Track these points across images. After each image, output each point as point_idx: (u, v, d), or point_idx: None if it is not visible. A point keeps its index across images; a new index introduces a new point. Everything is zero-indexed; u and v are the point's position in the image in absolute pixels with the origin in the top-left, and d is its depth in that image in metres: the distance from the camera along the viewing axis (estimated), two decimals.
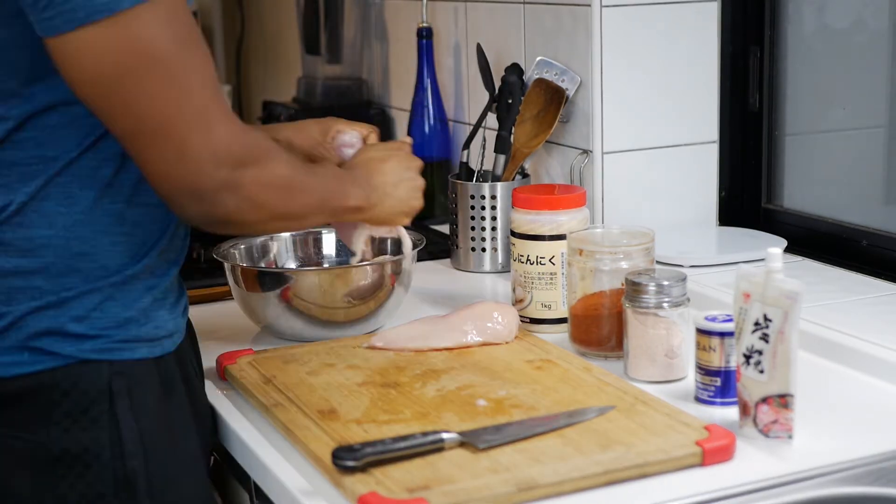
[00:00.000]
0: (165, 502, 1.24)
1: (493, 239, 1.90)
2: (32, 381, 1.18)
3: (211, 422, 1.40)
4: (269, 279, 1.56)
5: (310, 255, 1.75)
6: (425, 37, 2.23)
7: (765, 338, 1.18)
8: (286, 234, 1.74)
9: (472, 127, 1.99)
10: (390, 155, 1.47)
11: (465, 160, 1.96)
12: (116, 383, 1.21)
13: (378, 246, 1.72)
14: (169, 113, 1.13)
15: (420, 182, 1.49)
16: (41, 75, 1.15)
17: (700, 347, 1.31)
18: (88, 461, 1.19)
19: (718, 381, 1.30)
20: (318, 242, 1.76)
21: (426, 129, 2.25)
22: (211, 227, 1.22)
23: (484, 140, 1.97)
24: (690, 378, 1.38)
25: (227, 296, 1.74)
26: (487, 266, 1.92)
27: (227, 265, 1.60)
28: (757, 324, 1.19)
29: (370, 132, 1.58)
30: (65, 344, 1.19)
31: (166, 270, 1.27)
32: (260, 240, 1.71)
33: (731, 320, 1.26)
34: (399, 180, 1.45)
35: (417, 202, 1.48)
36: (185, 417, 1.30)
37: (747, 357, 1.21)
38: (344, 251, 1.74)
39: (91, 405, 1.19)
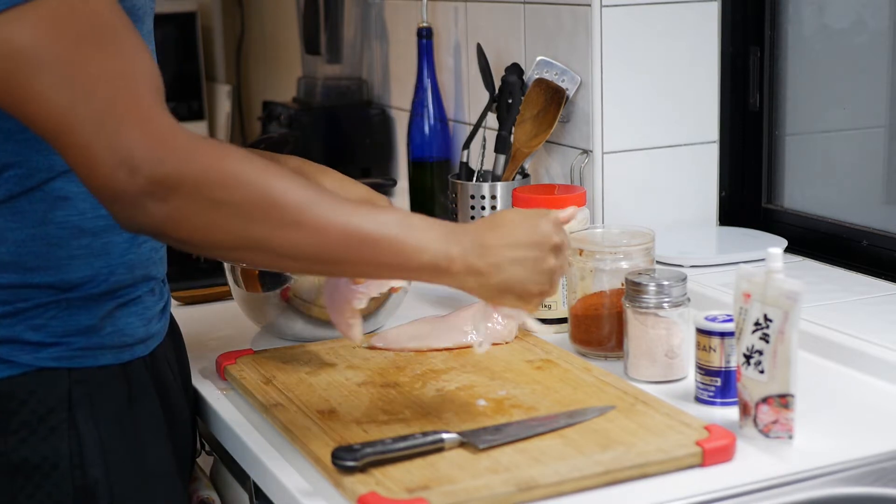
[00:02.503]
0: None
1: None
2: None
3: (191, 427, 1.38)
4: (269, 279, 1.55)
5: None
6: (425, 37, 2.23)
7: (765, 338, 1.18)
8: None
9: (472, 127, 1.99)
10: (529, 220, 1.18)
11: (465, 160, 1.96)
12: (76, 391, 1.18)
13: None
14: (63, 117, 1.03)
15: (553, 263, 1.18)
16: None
17: (700, 347, 1.31)
18: (47, 471, 1.16)
19: (718, 381, 1.30)
20: None
21: (426, 129, 2.25)
22: (155, 237, 1.10)
23: (484, 140, 1.97)
24: (690, 378, 1.38)
25: (227, 296, 1.74)
26: None
27: (226, 265, 1.60)
28: (757, 324, 1.19)
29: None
30: (21, 352, 1.17)
31: (139, 284, 1.24)
32: None
33: (731, 320, 1.26)
34: (526, 254, 1.16)
35: (537, 287, 1.17)
36: (157, 424, 1.27)
37: (747, 357, 1.21)
38: None
39: (49, 414, 1.17)
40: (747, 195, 1.96)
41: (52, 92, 1.03)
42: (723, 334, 1.29)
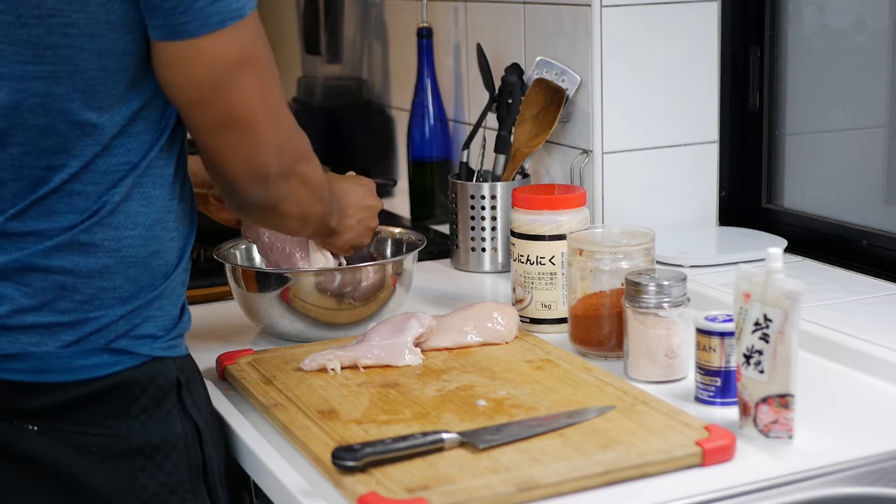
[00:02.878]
0: (227, 489, 1.32)
1: (493, 239, 1.90)
2: (112, 380, 1.23)
3: None
4: (269, 280, 1.55)
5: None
6: (425, 37, 2.23)
7: (765, 338, 1.18)
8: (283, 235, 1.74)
9: (472, 127, 1.99)
10: (360, 191, 1.55)
11: (465, 160, 1.96)
12: (181, 377, 1.28)
13: (379, 248, 1.72)
14: (257, 106, 1.22)
15: (376, 223, 1.57)
16: (137, 83, 1.19)
17: (700, 347, 1.31)
18: (167, 451, 1.25)
19: (718, 381, 1.30)
20: None
21: (426, 129, 2.25)
22: (258, 211, 1.30)
23: (484, 140, 1.97)
24: (690, 378, 1.38)
25: (227, 296, 1.74)
26: (487, 266, 1.92)
27: (227, 266, 1.60)
28: (757, 324, 1.19)
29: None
30: (140, 343, 1.24)
31: (189, 266, 1.34)
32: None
33: (731, 320, 1.26)
34: (362, 217, 1.53)
35: (367, 241, 1.57)
36: (211, 406, 1.36)
37: (747, 357, 1.21)
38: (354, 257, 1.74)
39: (163, 399, 1.26)
40: (747, 195, 1.96)
41: (255, 85, 1.22)
42: (723, 334, 1.29)
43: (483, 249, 1.91)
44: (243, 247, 1.68)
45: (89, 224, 1.20)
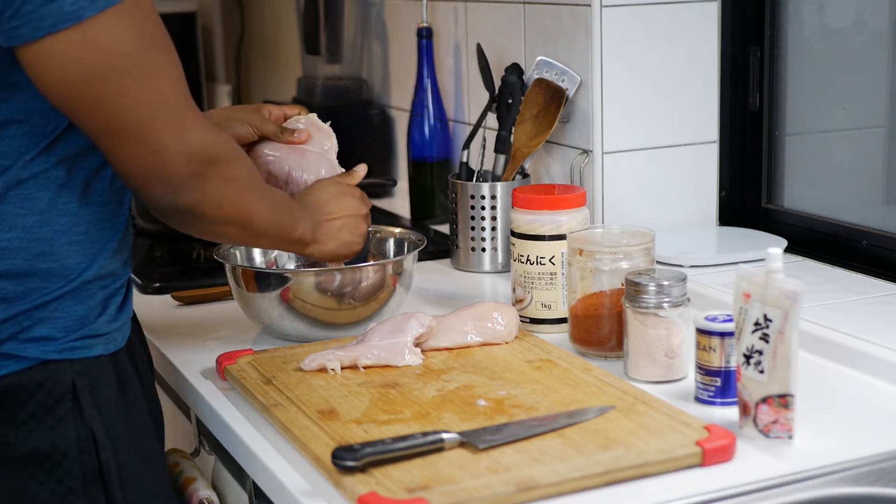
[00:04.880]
0: (134, 496, 1.27)
1: (493, 239, 1.90)
2: None
3: (161, 420, 1.41)
4: (269, 280, 1.55)
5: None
6: (425, 37, 2.23)
7: (765, 338, 1.18)
8: None
9: (472, 127, 1.99)
10: (342, 194, 1.48)
11: (465, 160, 1.96)
12: (80, 381, 1.23)
13: (379, 248, 1.72)
14: (141, 114, 1.16)
15: (365, 227, 1.50)
16: (5, 84, 1.17)
17: (700, 347, 1.31)
18: (57, 458, 1.22)
19: (718, 381, 1.30)
20: None
21: (426, 129, 2.25)
22: (173, 216, 1.25)
23: (484, 140, 1.97)
24: (690, 378, 1.38)
25: (227, 296, 1.74)
26: (487, 266, 1.92)
27: (227, 265, 1.60)
28: (757, 324, 1.19)
29: (300, 111, 1.61)
30: (29, 346, 1.21)
31: (121, 271, 1.30)
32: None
33: (731, 320, 1.26)
34: (345, 224, 1.47)
35: (358, 247, 1.50)
36: (142, 412, 1.32)
37: (747, 357, 1.21)
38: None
39: (56, 404, 1.22)
40: (747, 195, 1.96)
41: (132, 90, 1.15)
42: (723, 334, 1.29)
43: (483, 249, 1.91)
44: (243, 247, 1.68)
45: None
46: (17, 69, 1.15)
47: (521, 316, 1.57)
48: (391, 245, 1.72)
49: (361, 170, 1.55)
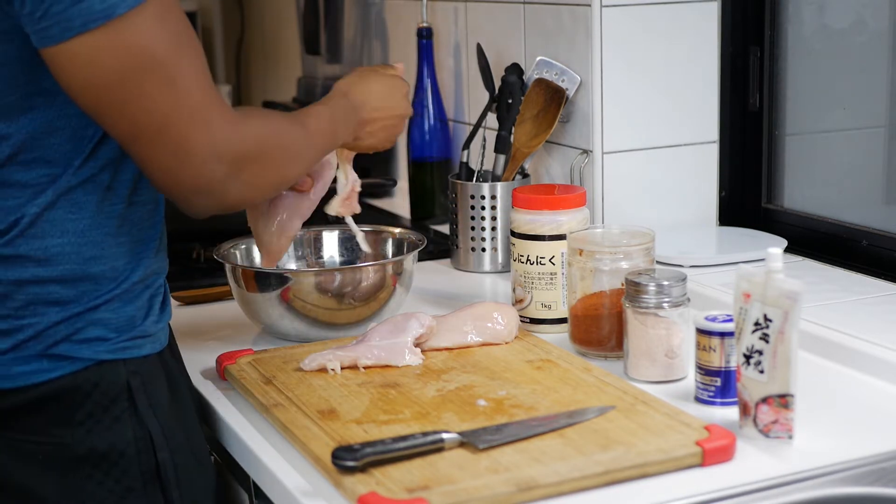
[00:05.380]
0: (190, 495, 1.28)
1: (493, 239, 1.90)
2: (53, 386, 1.21)
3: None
4: (269, 280, 1.55)
5: (310, 255, 1.75)
6: (425, 37, 2.23)
7: (765, 338, 1.18)
8: None
9: (472, 127, 1.99)
10: (390, 90, 1.50)
11: (465, 160, 1.96)
12: (134, 381, 1.24)
13: (378, 248, 1.72)
14: (168, 113, 1.14)
15: (402, 127, 1.53)
16: (40, 89, 1.17)
17: (700, 347, 1.31)
18: (114, 458, 1.22)
19: (718, 381, 1.30)
20: (318, 242, 1.76)
21: (426, 129, 2.25)
22: (219, 212, 1.24)
23: (484, 140, 1.97)
24: (690, 378, 1.38)
25: (227, 296, 1.74)
26: (487, 266, 1.92)
27: (227, 266, 1.59)
28: (757, 324, 1.19)
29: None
30: (82, 348, 1.22)
31: (162, 269, 1.31)
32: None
33: (731, 320, 1.26)
34: (386, 125, 1.49)
35: (390, 144, 1.53)
36: (190, 411, 1.33)
37: (747, 357, 1.21)
38: (348, 252, 1.74)
39: (112, 404, 1.23)
40: (747, 195, 1.96)
41: (160, 90, 1.13)
42: (723, 334, 1.29)
43: (483, 249, 1.91)
44: (243, 247, 1.68)
45: (10, 237, 1.19)
46: (49, 73, 1.15)
47: (521, 316, 1.57)
48: (391, 245, 1.72)
49: (401, 66, 1.60)
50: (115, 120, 1.15)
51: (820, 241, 1.83)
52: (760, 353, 1.19)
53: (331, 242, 1.75)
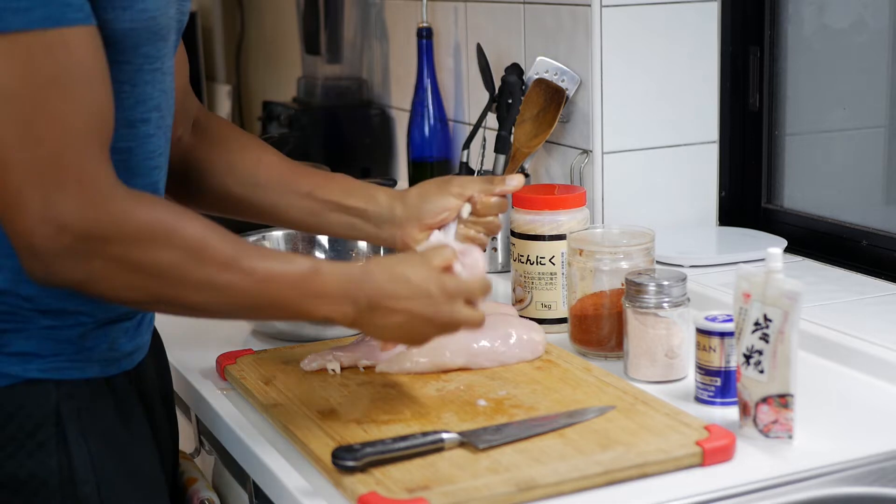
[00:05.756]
0: None
1: (493, 239, 1.90)
2: None
3: (172, 440, 1.36)
4: None
5: (305, 254, 1.75)
6: (425, 37, 2.23)
7: (765, 338, 1.18)
8: (279, 233, 1.73)
9: (472, 127, 1.99)
10: (425, 292, 1.17)
11: (465, 160, 1.96)
12: (66, 405, 1.14)
13: (378, 247, 1.72)
14: (4, 154, 1.00)
15: (433, 333, 1.19)
16: None
17: (700, 347, 1.31)
18: (35, 487, 1.12)
19: (718, 381, 1.30)
20: (312, 242, 1.76)
21: (426, 129, 2.25)
22: (69, 290, 1.08)
23: (484, 140, 1.97)
24: (690, 378, 1.38)
25: None
26: (487, 266, 1.91)
27: None
28: (757, 324, 1.19)
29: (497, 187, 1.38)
30: (8, 363, 1.13)
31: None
32: (253, 238, 1.71)
33: (731, 320, 1.26)
34: (412, 321, 1.17)
35: (415, 346, 1.24)
36: (144, 438, 1.24)
37: (747, 357, 1.21)
38: (338, 255, 1.74)
39: (37, 429, 1.13)
40: (747, 195, 1.96)
41: (5, 127, 1.00)
42: (723, 334, 1.29)
43: (483, 249, 1.91)
44: None
45: None
46: None
47: (520, 316, 1.57)
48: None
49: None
50: None
51: (820, 241, 1.83)
52: (760, 353, 1.19)
53: (324, 240, 1.75)
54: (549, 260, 1.57)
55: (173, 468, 1.40)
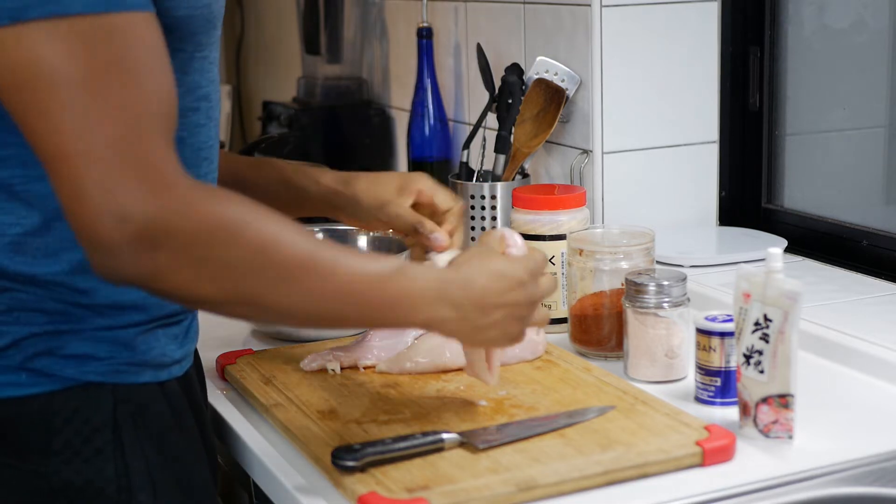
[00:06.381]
0: None
1: None
2: (30, 405, 1.09)
3: (215, 455, 1.34)
4: None
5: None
6: (425, 37, 2.23)
7: (765, 338, 1.18)
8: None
9: (472, 127, 1.99)
10: (498, 276, 1.14)
11: (465, 160, 1.96)
12: (121, 411, 1.12)
13: (377, 248, 1.72)
14: (65, 144, 0.97)
15: (526, 313, 1.17)
16: None
17: (700, 347, 1.31)
18: (91, 495, 1.10)
19: (718, 381, 1.30)
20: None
21: (426, 129, 2.25)
22: (137, 288, 1.03)
23: (484, 140, 1.97)
24: (690, 378, 1.38)
25: None
26: None
27: None
28: (757, 324, 1.19)
29: (456, 205, 1.38)
30: (65, 364, 1.10)
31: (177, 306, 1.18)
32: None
33: (731, 320, 1.26)
34: (511, 313, 1.14)
35: (518, 339, 1.18)
36: (196, 446, 1.21)
37: (747, 357, 1.21)
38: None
39: (94, 434, 1.10)
40: (747, 195, 1.96)
41: (64, 113, 0.97)
42: (723, 334, 1.29)
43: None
44: None
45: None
46: None
47: None
48: (390, 245, 1.72)
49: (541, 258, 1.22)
50: (23, 128, 1.00)
51: (820, 241, 1.83)
52: (760, 353, 1.19)
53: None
54: (549, 260, 1.57)
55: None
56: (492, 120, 1.93)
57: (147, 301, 1.14)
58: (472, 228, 1.91)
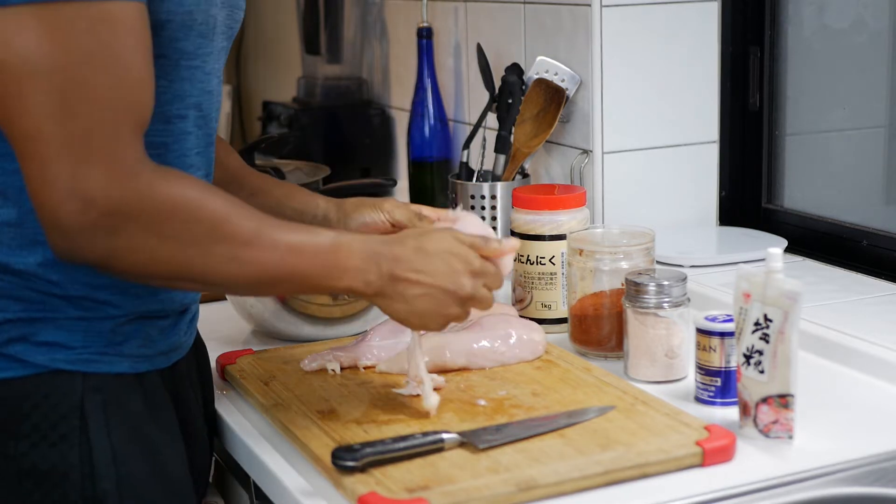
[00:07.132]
0: None
1: None
2: (2, 389, 1.12)
3: (208, 447, 1.35)
4: None
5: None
6: (425, 37, 2.23)
7: (765, 338, 1.18)
8: None
9: (472, 127, 1.99)
10: (447, 255, 1.17)
11: (465, 160, 1.96)
12: (90, 399, 1.14)
13: None
14: (37, 127, 1.01)
15: (456, 312, 1.18)
16: None
17: (700, 347, 1.31)
18: (56, 480, 1.12)
19: (718, 381, 1.30)
20: None
21: (426, 129, 2.25)
22: (94, 268, 1.08)
23: (484, 140, 1.97)
24: (690, 378, 1.38)
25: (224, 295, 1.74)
26: None
27: None
28: (757, 324, 1.19)
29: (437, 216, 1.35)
30: (37, 351, 1.13)
31: (164, 297, 1.21)
32: None
33: (731, 320, 1.26)
34: (428, 294, 1.16)
35: (436, 326, 1.19)
36: (172, 439, 1.22)
37: (747, 357, 1.21)
38: None
39: (61, 420, 1.12)
40: (747, 195, 1.96)
41: (38, 97, 1.00)
42: (723, 334, 1.29)
43: None
44: None
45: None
46: None
47: (520, 316, 1.57)
48: None
49: (514, 242, 1.24)
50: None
51: (820, 241, 1.83)
52: (760, 353, 1.19)
53: None
54: (549, 260, 1.57)
55: (207, 474, 1.37)
56: (492, 120, 1.93)
57: (122, 298, 1.16)
58: None
